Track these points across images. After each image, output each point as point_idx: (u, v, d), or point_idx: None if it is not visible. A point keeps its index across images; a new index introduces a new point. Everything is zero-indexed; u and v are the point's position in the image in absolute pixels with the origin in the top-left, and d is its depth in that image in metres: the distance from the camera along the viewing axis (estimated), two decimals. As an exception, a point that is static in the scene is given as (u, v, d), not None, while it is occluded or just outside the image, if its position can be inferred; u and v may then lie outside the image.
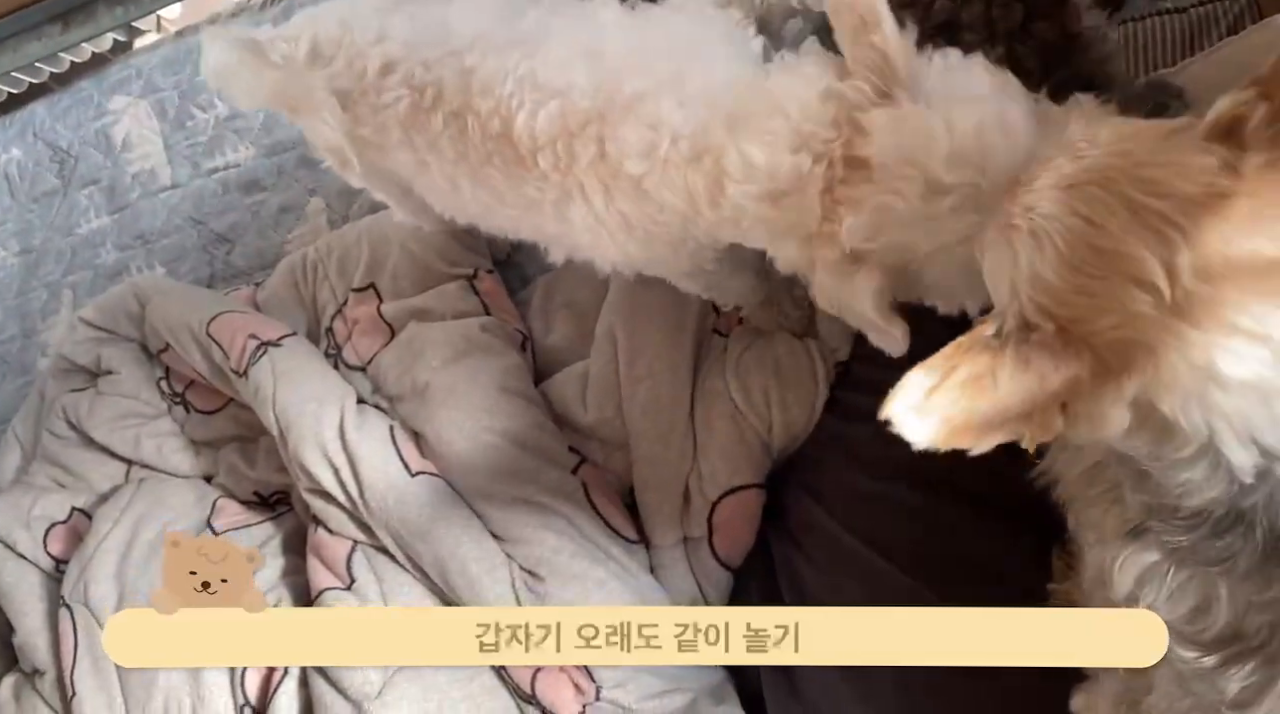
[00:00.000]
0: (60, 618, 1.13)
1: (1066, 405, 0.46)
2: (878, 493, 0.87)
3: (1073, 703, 0.70)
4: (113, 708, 1.06)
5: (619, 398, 0.99)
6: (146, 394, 1.29)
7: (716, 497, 0.94)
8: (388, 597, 0.99)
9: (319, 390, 1.06)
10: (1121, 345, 0.44)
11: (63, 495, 1.27)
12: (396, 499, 0.98)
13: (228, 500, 1.20)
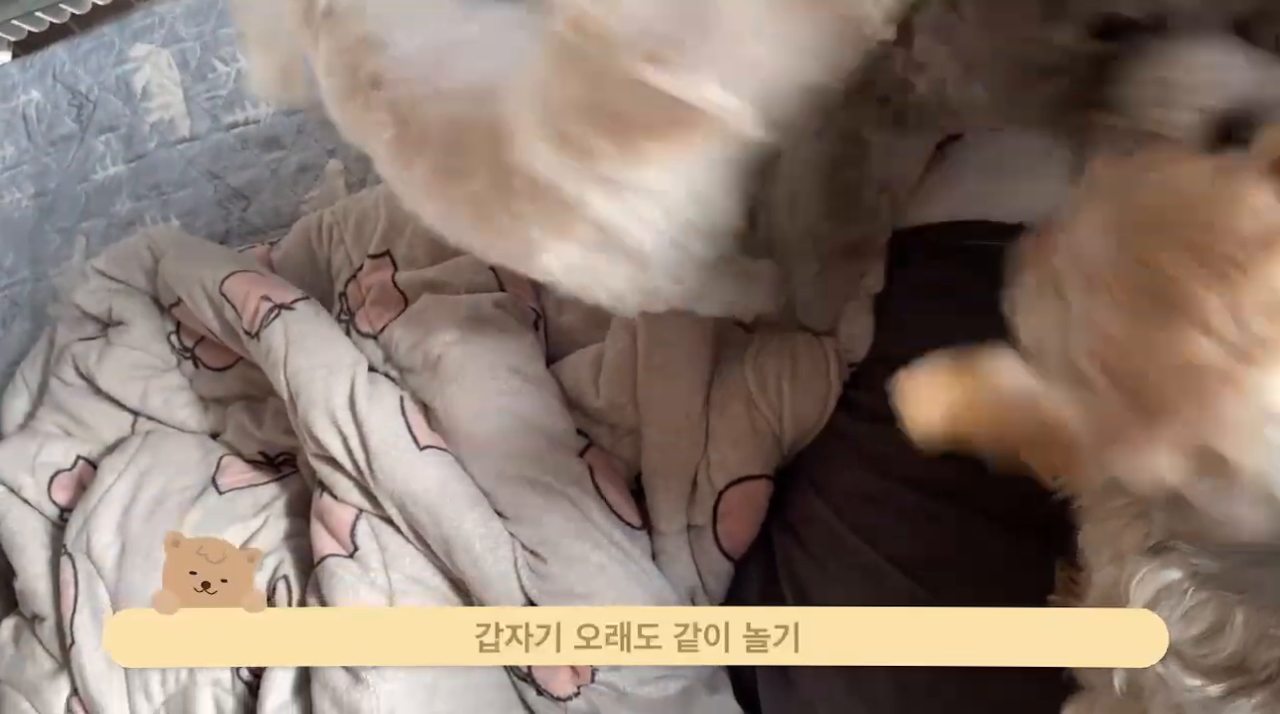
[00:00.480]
0: (62, 566, 1.14)
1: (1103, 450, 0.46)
2: (883, 493, 0.86)
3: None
4: (110, 662, 1.07)
5: (633, 385, 0.98)
6: (156, 347, 1.29)
7: (725, 485, 0.94)
8: (389, 566, 0.99)
9: (330, 357, 1.06)
10: (1177, 391, 0.43)
11: (69, 443, 1.27)
12: (403, 472, 0.98)
13: (233, 459, 1.20)
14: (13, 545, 1.20)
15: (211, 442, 1.24)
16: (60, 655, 1.12)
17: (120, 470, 1.19)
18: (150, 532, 1.12)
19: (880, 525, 0.86)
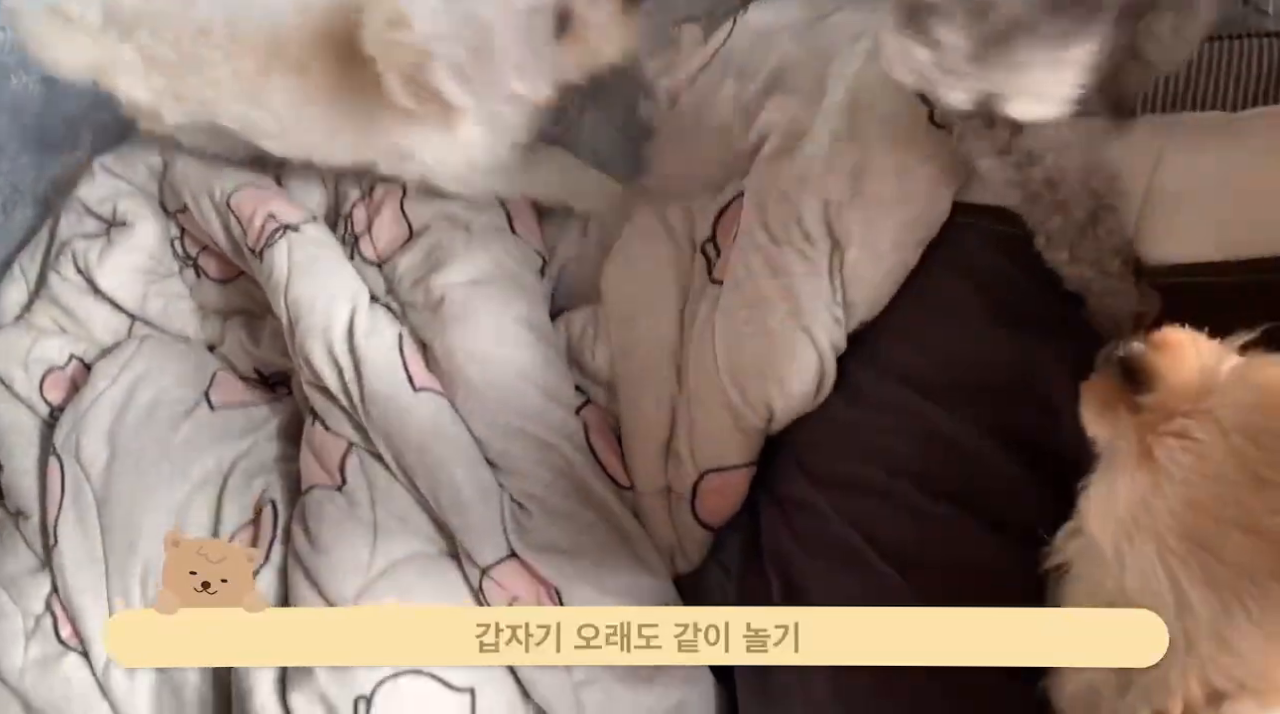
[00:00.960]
0: (49, 466, 1.14)
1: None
2: (879, 487, 0.86)
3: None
4: (93, 566, 1.08)
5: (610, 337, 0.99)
6: (159, 252, 1.28)
7: (706, 469, 0.94)
8: (376, 503, 0.99)
9: (332, 286, 1.05)
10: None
11: (63, 340, 1.27)
12: (397, 412, 0.97)
13: (228, 374, 1.20)
14: (1, 439, 1.20)
15: (207, 354, 1.23)
16: (42, 554, 1.12)
17: (114, 376, 1.18)
18: (141, 441, 1.12)
19: (872, 516, 0.85)
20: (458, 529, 0.96)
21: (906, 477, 0.84)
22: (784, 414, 0.91)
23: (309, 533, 0.99)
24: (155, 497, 1.08)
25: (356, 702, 0.91)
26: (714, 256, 0.98)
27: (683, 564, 1.01)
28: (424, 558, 0.98)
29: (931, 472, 0.83)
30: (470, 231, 1.08)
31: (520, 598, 0.94)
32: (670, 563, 1.00)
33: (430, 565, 0.97)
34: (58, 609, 1.09)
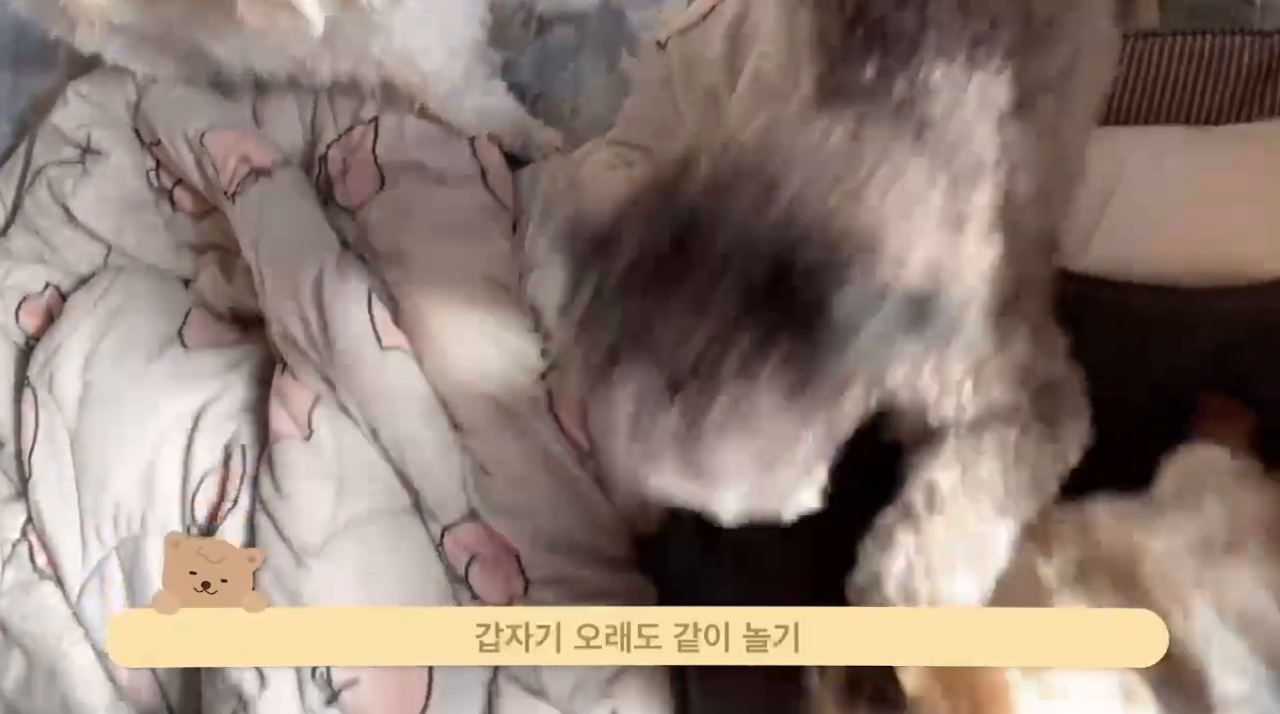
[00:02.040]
0: (24, 398, 1.15)
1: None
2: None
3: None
4: (65, 500, 1.10)
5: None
6: (135, 183, 1.27)
7: None
8: (343, 457, 1.01)
9: (302, 238, 1.05)
10: None
11: (39, 268, 1.27)
12: (363, 371, 0.98)
13: (202, 313, 1.20)
14: (-24, 367, 1.21)
15: (182, 291, 1.23)
16: (19, 482, 1.14)
17: (89, 309, 1.19)
18: (114, 379, 1.13)
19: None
20: (420, 487, 0.98)
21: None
22: None
23: (275, 481, 1.01)
24: (126, 436, 1.09)
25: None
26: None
27: (645, 526, 1.03)
28: (387, 513, 1.00)
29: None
30: (443, 183, 1.07)
31: (480, 555, 0.97)
32: (632, 526, 1.03)
33: (393, 521, 1.00)
34: (33, 538, 1.12)
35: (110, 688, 1.09)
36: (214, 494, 1.07)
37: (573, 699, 0.94)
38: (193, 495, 1.07)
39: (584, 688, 0.95)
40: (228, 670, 0.97)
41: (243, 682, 0.96)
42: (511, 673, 0.96)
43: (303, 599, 0.95)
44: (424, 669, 0.95)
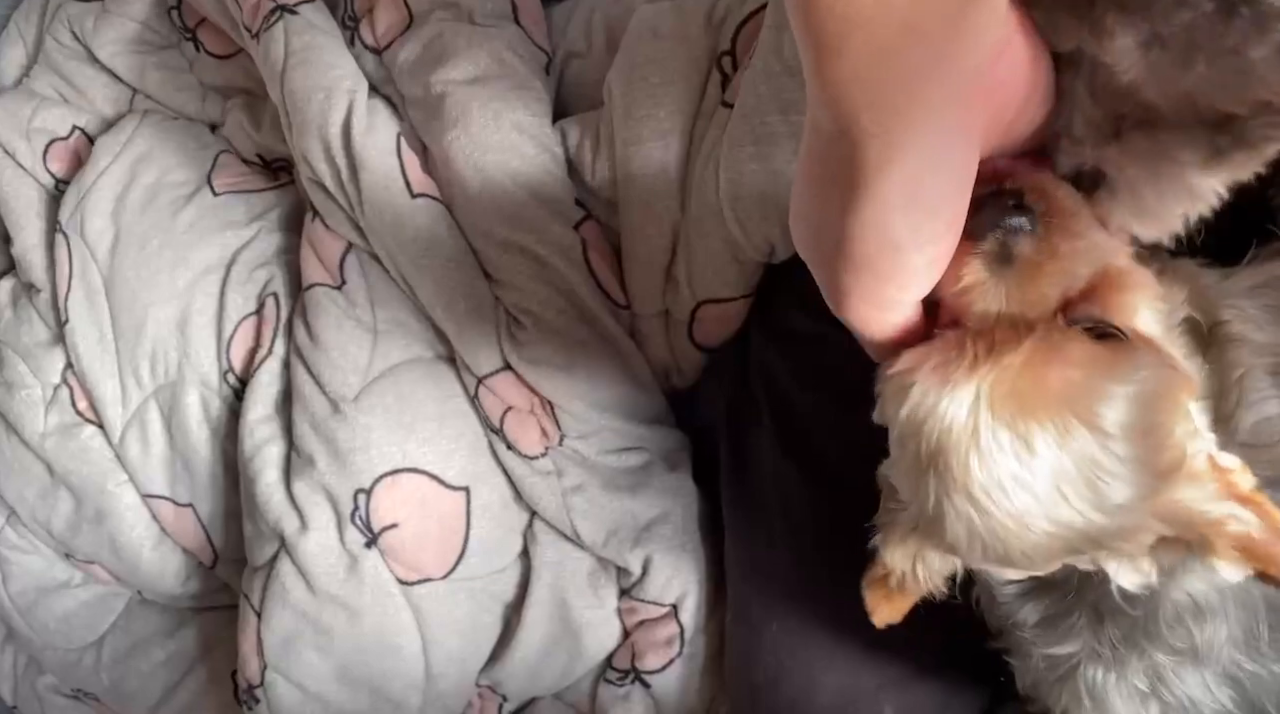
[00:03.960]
0: (56, 244, 1.15)
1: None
2: None
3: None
4: (103, 343, 1.10)
5: (614, 160, 0.95)
6: (156, 22, 1.23)
7: (703, 299, 0.93)
8: (375, 305, 1.00)
9: (329, 78, 1.01)
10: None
11: (64, 110, 1.24)
12: (394, 218, 0.96)
13: (230, 157, 1.18)
14: (8, 210, 1.20)
15: (209, 134, 1.21)
16: (56, 329, 1.15)
17: (116, 153, 1.17)
18: (143, 224, 1.12)
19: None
20: (453, 337, 0.97)
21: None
22: (786, 251, 0.90)
23: (310, 329, 1.01)
24: (159, 282, 1.09)
25: (356, 494, 0.96)
26: (730, 74, 0.93)
27: (678, 380, 1.03)
28: (422, 362, 1.00)
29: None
30: (473, 22, 1.03)
31: (515, 406, 0.97)
32: (665, 379, 1.02)
33: (428, 369, 0.99)
34: (73, 382, 1.13)
35: (156, 527, 1.13)
36: (249, 342, 1.07)
37: (606, 545, 0.96)
38: (228, 343, 1.07)
39: (618, 534, 0.96)
40: (269, 511, 0.99)
41: (283, 522, 0.98)
42: (547, 520, 0.98)
43: (339, 445, 0.96)
44: (463, 514, 0.97)
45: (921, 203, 0.42)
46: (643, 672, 0.98)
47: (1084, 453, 0.45)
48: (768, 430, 0.94)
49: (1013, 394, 0.45)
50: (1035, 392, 0.45)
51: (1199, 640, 0.58)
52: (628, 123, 0.94)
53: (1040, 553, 0.47)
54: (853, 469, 0.87)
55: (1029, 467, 0.45)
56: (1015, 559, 0.48)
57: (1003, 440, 0.45)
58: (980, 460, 0.45)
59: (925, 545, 0.54)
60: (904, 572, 0.57)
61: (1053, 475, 0.45)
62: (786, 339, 0.94)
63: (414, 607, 0.96)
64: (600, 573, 0.98)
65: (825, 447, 0.90)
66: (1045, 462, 0.45)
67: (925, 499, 0.48)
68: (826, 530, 0.88)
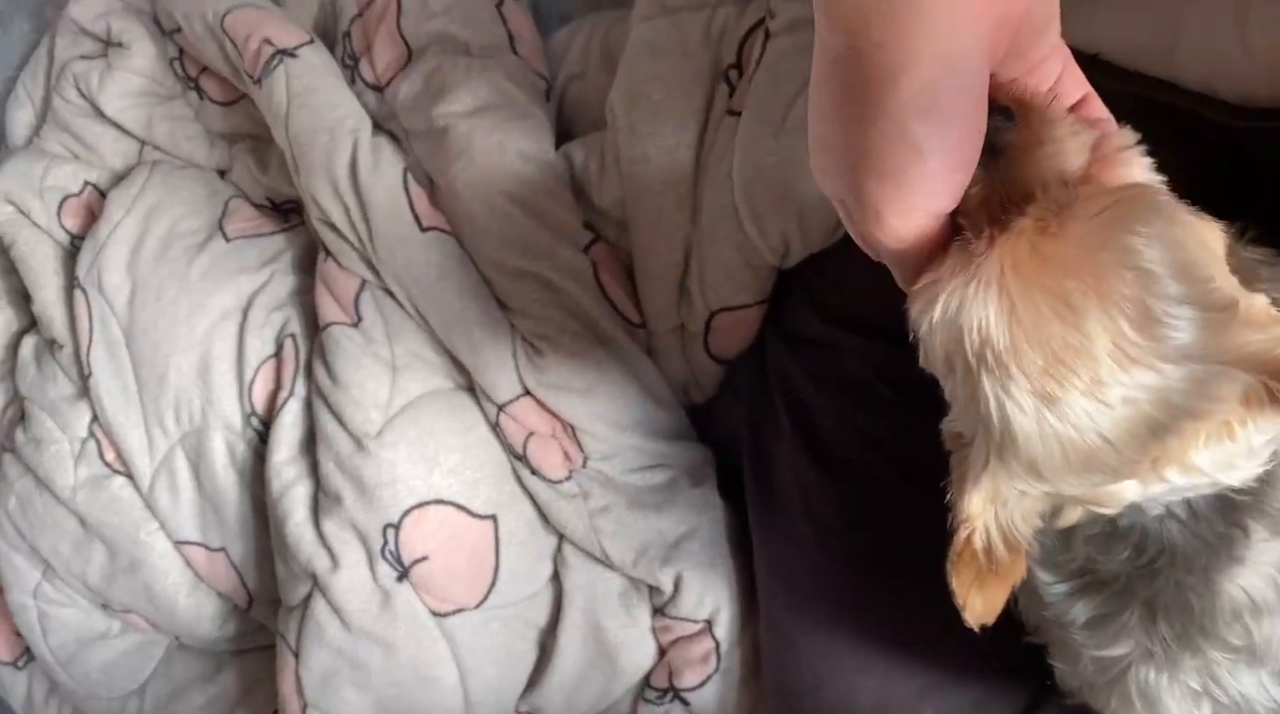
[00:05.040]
0: (75, 299, 1.16)
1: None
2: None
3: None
4: (127, 395, 1.12)
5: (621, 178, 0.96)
6: (159, 74, 1.25)
7: (717, 308, 0.94)
8: (393, 340, 1.01)
9: (332, 119, 1.02)
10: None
11: (75, 166, 1.26)
12: (405, 254, 0.97)
13: (241, 202, 1.19)
14: (27, 269, 1.22)
15: (219, 180, 1.22)
16: (79, 382, 1.16)
17: (128, 206, 1.18)
18: (159, 275, 1.13)
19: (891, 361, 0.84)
20: (471, 367, 0.98)
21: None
22: (799, 250, 0.90)
23: (329, 368, 1.02)
24: (178, 331, 1.10)
25: (385, 529, 0.97)
26: (735, 84, 0.94)
27: (697, 395, 1.03)
28: (442, 393, 1.00)
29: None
30: (470, 54, 1.04)
31: (536, 432, 0.97)
32: (684, 394, 1.03)
33: (448, 400, 1.00)
34: (100, 435, 1.15)
35: (190, 573, 1.14)
36: (270, 384, 1.08)
37: (637, 565, 0.96)
38: (249, 386, 1.08)
39: (647, 553, 0.96)
40: (300, 551, 1.00)
41: (314, 561, 0.99)
42: (575, 543, 0.98)
43: (365, 482, 0.97)
44: (491, 542, 0.97)
45: (939, 108, 0.42)
46: (681, 689, 0.98)
47: (1128, 296, 0.42)
48: (788, 437, 0.94)
49: (1034, 254, 0.43)
50: (1057, 246, 0.43)
51: (1256, 638, 0.57)
52: (633, 141, 0.94)
53: (1123, 434, 0.44)
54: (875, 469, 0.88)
55: (1077, 326, 0.42)
56: (1099, 454, 0.44)
57: (1040, 304, 0.43)
58: (1025, 334, 0.43)
59: (1003, 477, 0.49)
60: (989, 529, 0.51)
61: (1104, 329, 0.42)
62: (802, 344, 0.94)
63: (449, 638, 0.97)
64: (632, 593, 0.99)
65: (847, 449, 0.90)
66: (1091, 317, 0.42)
67: (988, 412, 0.45)
68: (854, 533, 0.88)
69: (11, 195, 1.23)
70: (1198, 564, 0.56)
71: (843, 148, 0.45)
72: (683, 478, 1.00)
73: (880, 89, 0.42)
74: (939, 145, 0.44)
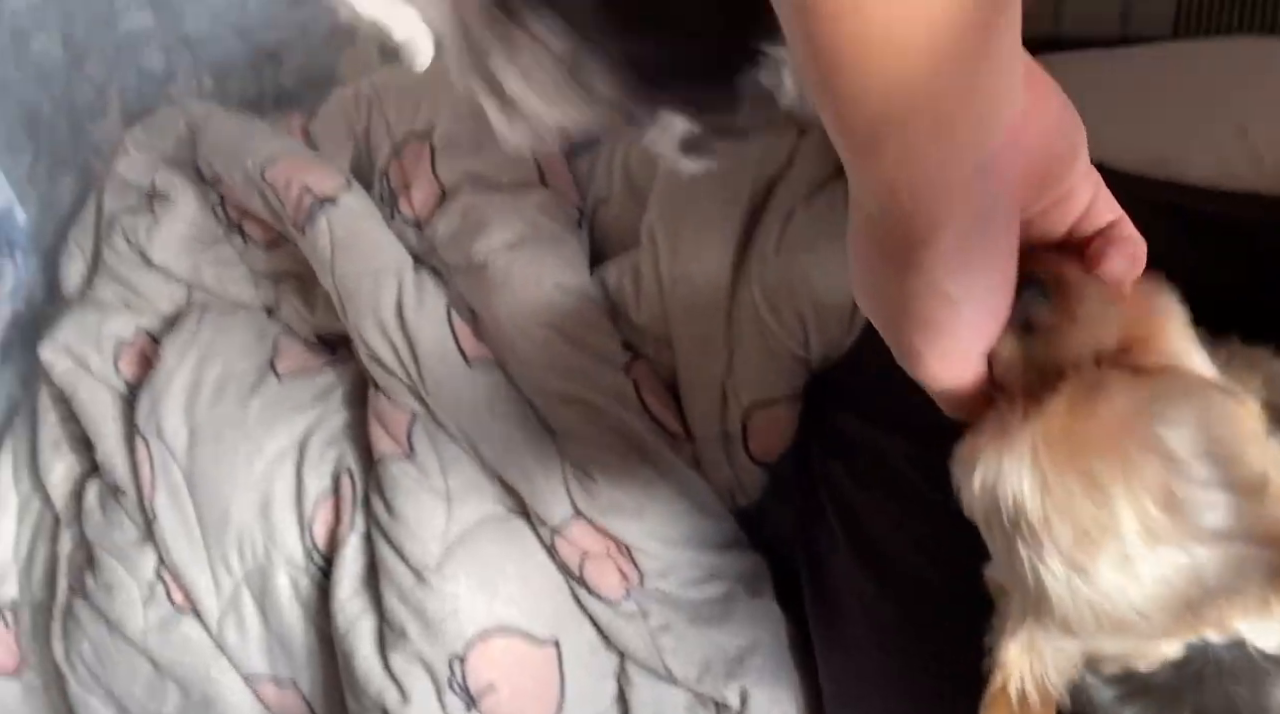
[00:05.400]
0: (136, 446, 1.19)
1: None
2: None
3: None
4: (191, 538, 1.15)
5: (663, 297, 0.99)
6: (203, 220, 1.30)
7: (749, 404, 0.96)
8: (447, 471, 1.03)
9: (377, 262, 1.06)
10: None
11: (128, 316, 1.30)
12: (454, 388, 1.00)
13: (290, 340, 1.23)
14: (89, 419, 1.26)
15: (266, 320, 1.26)
16: (145, 528, 1.19)
17: (182, 352, 1.22)
18: (216, 418, 1.17)
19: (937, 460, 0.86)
20: (524, 493, 1.00)
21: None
22: (818, 336, 0.93)
23: (387, 503, 1.04)
24: (237, 473, 1.13)
25: (451, 660, 0.98)
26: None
27: (742, 499, 1.05)
28: (497, 519, 1.02)
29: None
30: (502, 190, 1.08)
31: (591, 552, 0.99)
32: (731, 500, 1.04)
33: (503, 525, 1.02)
34: (167, 577, 1.17)
35: (261, 708, 1.15)
36: (329, 519, 1.11)
37: (701, 681, 0.97)
38: (310, 523, 1.11)
39: (711, 669, 0.97)
40: (369, 685, 1.02)
41: (384, 695, 1.00)
42: (638, 662, 0.99)
43: (429, 615, 0.99)
44: (555, 667, 0.99)
45: (970, 264, 0.44)
46: (754, 803, 0.98)
47: (1156, 482, 0.44)
48: (840, 543, 0.95)
49: (1065, 435, 0.45)
50: (1087, 428, 0.45)
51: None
52: (675, 262, 0.97)
53: (1156, 608, 0.45)
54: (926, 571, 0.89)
55: (1106, 507, 0.44)
56: (1131, 622, 0.46)
57: (1070, 484, 0.44)
58: (1056, 508, 0.44)
59: (1039, 632, 0.51)
60: (1023, 676, 0.54)
61: (1131, 510, 0.44)
62: (844, 446, 0.96)
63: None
64: (698, 707, 0.99)
65: (897, 550, 0.91)
66: (1120, 498, 0.44)
67: (1023, 575, 0.47)
68: (918, 645, 0.88)
69: (71, 348, 1.27)
70: (1245, 677, 0.57)
71: (881, 295, 0.48)
72: (739, 589, 1.01)
73: (913, 249, 0.43)
74: (971, 295, 0.46)
